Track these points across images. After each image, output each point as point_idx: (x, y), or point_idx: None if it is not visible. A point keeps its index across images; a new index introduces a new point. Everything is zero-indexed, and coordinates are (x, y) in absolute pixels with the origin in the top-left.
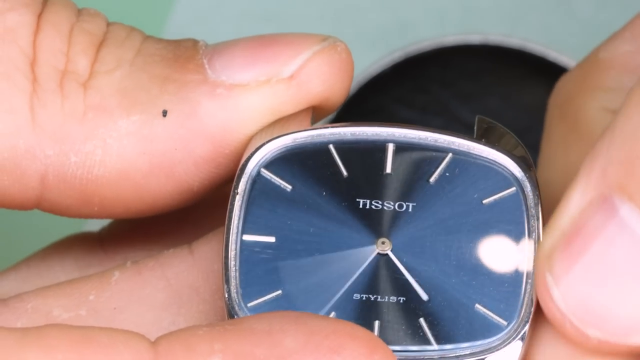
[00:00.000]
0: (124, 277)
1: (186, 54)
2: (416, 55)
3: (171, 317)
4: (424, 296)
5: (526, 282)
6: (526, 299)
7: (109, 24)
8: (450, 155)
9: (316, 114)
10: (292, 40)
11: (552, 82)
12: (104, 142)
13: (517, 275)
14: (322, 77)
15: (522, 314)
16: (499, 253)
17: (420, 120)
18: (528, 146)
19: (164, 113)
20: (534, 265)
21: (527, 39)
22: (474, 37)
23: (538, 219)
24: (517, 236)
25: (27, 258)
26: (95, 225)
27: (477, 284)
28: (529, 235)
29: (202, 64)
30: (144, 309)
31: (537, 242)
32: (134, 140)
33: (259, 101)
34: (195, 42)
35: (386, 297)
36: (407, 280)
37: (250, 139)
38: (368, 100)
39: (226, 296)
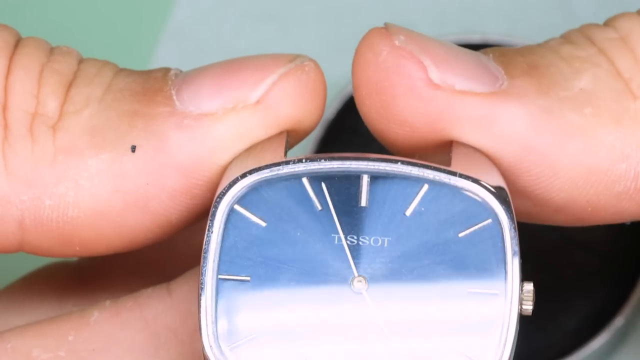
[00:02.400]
0: (102, 317)
1: (155, 87)
2: None
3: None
4: (394, 346)
5: (506, 321)
6: (507, 340)
7: (81, 61)
8: (425, 187)
9: (292, 137)
10: (258, 64)
11: None
12: (75, 183)
13: (496, 312)
14: (289, 99)
15: (502, 353)
16: (476, 288)
17: None
18: None
19: (133, 149)
20: (512, 304)
21: (527, 38)
22: (474, 37)
23: (515, 253)
24: (494, 272)
25: (7, 288)
26: None
27: (454, 325)
28: (506, 272)
29: (170, 95)
30: (122, 350)
31: (515, 278)
32: (105, 178)
33: (227, 129)
34: (165, 72)
35: (363, 342)
36: (380, 322)
37: (223, 169)
38: None
39: (202, 340)
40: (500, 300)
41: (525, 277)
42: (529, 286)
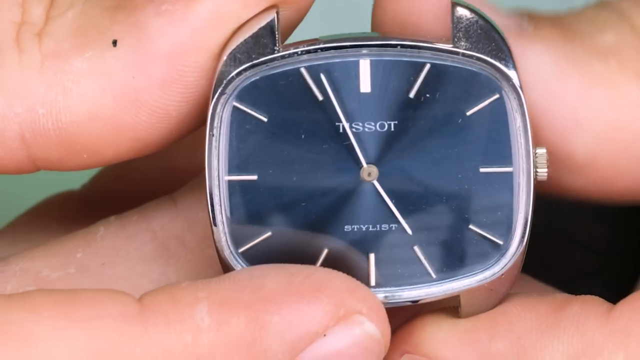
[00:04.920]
0: (109, 232)
1: None
2: None
3: (160, 269)
4: (409, 230)
5: (520, 195)
6: (521, 213)
7: None
8: (428, 66)
9: (288, 14)
10: None
11: None
12: (63, 87)
13: (509, 187)
14: None
15: (517, 231)
16: (488, 167)
17: None
18: None
19: (114, 43)
20: (527, 173)
21: None
22: None
23: (524, 114)
24: (506, 146)
25: (12, 222)
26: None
27: (468, 204)
28: (518, 141)
29: None
30: (132, 262)
31: (527, 143)
32: (92, 78)
33: (205, 9)
34: None
35: (377, 226)
36: (393, 208)
37: (209, 53)
38: None
39: (216, 244)
40: (515, 177)
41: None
42: (542, 150)
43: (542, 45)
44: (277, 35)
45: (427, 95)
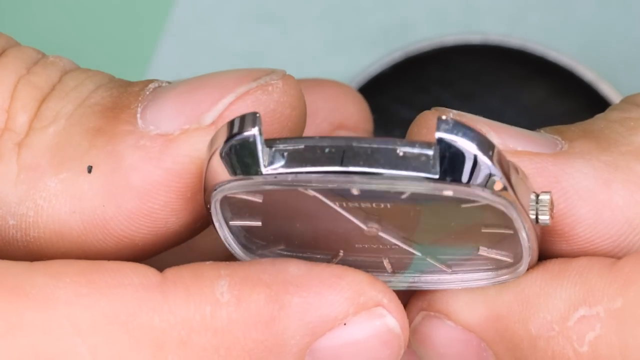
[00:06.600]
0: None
1: (125, 102)
2: (416, 55)
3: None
4: (419, 254)
5: (524, 235)
6: (527, 243)
7: (65, 73)
8: (409, 193)
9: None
10: (220, 81)
11: (552, 82)
12: (35, 204)
13: (515, 230)
14: None
15: (525, 253)
16: (490, 229)
17: None
18: None
19: (89, 169)
20: (530, 227)
21: (527, 39)
22: (474, 37)
23: (520, 213)
24: (506, 218)
25: None
26: None
27: (477, 237)
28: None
29: (135, 113)
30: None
31: (528, 233)
32: (62, 199)
33: (179, 152)
34: (143, 86)
35: (388, 245)
36: (403, 245)
37: (181, 192)
38: (368, 101)
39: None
40: (514, 233)
41: None
42: (546, 196)
43: (581, 159)
44: (259, 151)
45: (419, 196)
